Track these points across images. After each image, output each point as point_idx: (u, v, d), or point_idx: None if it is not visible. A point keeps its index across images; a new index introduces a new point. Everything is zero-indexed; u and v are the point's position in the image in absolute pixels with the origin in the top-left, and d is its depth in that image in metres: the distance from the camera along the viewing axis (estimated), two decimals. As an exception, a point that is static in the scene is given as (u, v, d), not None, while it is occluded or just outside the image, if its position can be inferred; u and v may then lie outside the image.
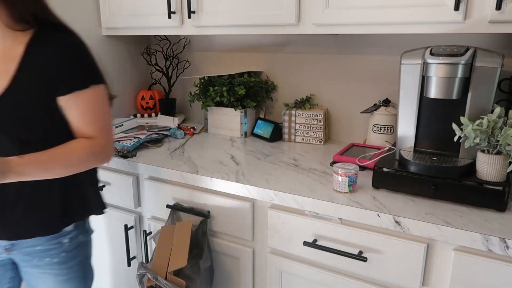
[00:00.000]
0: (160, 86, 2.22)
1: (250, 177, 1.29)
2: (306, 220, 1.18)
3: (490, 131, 1.05)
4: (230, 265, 1.38)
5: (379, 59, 1.61)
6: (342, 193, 1.16)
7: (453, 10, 1.13)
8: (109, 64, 1.95)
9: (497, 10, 1.08)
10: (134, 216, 1.57)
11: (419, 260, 1.03)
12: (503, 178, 1.06)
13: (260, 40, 1.87)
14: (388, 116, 1.53)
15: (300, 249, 1.21)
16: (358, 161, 1.36)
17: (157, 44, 2.14)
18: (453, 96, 1.12)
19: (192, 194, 1.38)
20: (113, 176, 1.57)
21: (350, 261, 1.13)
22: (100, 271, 1.77)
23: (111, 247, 1.69)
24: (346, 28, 1.32)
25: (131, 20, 1.75)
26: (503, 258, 0.94)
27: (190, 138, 1.81)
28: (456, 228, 0.96)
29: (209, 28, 1.58)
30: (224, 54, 1.98)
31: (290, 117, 1.73)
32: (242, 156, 1.53)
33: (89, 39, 1.83)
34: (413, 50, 1.19)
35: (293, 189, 1.19)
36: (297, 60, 1.79)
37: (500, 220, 0.99)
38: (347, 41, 1.66)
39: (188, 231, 1.31)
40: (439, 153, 1.21)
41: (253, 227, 1.30)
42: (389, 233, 1.07)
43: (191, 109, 2.15)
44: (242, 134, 1.82)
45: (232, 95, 1.77)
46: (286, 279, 1.27)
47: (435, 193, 1.10)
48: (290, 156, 1.53)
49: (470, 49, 1.10)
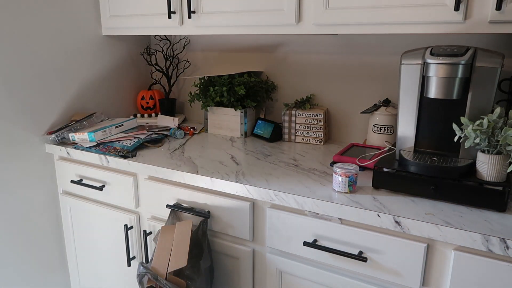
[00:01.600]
0: (160, 86, 2.22)
1: (250, 177, 1.29)
2: (306, 220, 1.18)
3: (490, 131, 1.05)
4: (230, 265, 1.37)
5: (379, 59, 1.61)
6: (342, 193, 1.16)
7: (453, 10, 1.13)
8: (109, 64, 1.95)
9: (497, 10, 1.08)
10: (134, 216, 1.57)
11: (419, 260, 1.03)
12: (503, 178, 1.06)
13: (260, 40, 1.86)
14: (388, 116, 1.53)
15: (300, 249, 1.21)
16: (358, 161, 1.36)
17: (157, 44, 2.14)
18: (453, 96, 1.12)
19: (192, 194, 1.38)
20: (113, 176, 1.56)
21: (350, 261, 1.13)
22: (100, 271, 1.77)
23: (111, 247, 1.69)
24: (346, 28, 1.32)
25: (131, 20, 1.75)
26: (503, 258, 0.94)
27: (190, 138, 1.81)
28: (456, 228, 0.96)
29: (209, 28, 1.58)
30: (224, 54, 1.98)
31: (290, 117, 1.73)
32: (242, 156, 1.53)
33: (89, 39, 1.83)
34: (413, 50, 1.19)
35: (293, 189, 1.19)
36: (297, 60, 1.79)
37: (500, 220, 0.99)
38: (347, 41, 1.66)
39: (188, 231, 1.31)
40: (439, 153, 1.21)
41: (253, 227, 1.30)
42: (389, 233, 1.07)
43: (191, 109, 2.15)
44: (242, 134, 1.82)
45: (232, 95, 1.76)
46: (286, 279, 1.27)
47: (435, 193, 1.10)
48: (290, 156, 1.53)
49: (470, 49, 1.10)
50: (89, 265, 1.81)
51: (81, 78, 1.83)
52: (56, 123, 1.75)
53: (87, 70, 1.85)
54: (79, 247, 1.81)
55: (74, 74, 1.79)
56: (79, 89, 1.83)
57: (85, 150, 1.59)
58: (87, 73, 1.85)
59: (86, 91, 1.86)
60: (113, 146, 1.59)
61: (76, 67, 1.80)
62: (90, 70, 1.86)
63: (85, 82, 1.85)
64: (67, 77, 1.76)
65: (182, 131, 1.80)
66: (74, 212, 1.76)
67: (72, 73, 1.78)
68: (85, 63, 1.84)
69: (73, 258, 1.85)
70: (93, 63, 1.87)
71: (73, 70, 1.79)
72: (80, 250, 1.81)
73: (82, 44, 1.80)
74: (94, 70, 1.89)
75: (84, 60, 1.83)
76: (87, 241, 1.77)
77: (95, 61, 1.88)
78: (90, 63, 1.86)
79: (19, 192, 1.65)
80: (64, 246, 1.87)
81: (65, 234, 1.84)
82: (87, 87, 1.87)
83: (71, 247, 1.84)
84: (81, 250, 1.81)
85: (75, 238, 1.81)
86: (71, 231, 1.81)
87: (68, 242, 1.84)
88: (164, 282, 1.22)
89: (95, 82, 1.90)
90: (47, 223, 1.78)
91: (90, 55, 1.85)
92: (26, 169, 1.66)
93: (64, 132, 1.68)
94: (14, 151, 1.61)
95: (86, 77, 1.85)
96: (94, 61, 1.88)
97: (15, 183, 1.63)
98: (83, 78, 1.84)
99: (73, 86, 1.80)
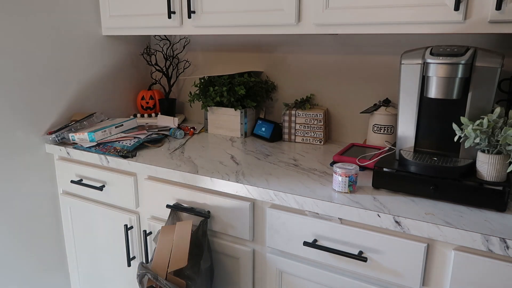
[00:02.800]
0: (160, 86, 2.22)
1: (250, 177, 1.29)
2: (306, 220, 1.18)
3: (490, 131, 1.05)
4: (230, 265, 1.37)
5: (379, 59, 1.61)
6: (342, 193, 1.16)
7: (453, 10, 1.13)
8: (109, 64, 1.95)
9: (497, 10, 1.08)
10: (134, 216, 1.57)
11: (419, 260, 1.03)
12: (503, 178, 1.06)
13: (260, 40, 1.86)
14: (388, 116, 1.53)
15: (300, 249, 1.21)
16: (358, 161, 1.36)
17: (157, 44, 2.14)
18: (453, 96, 1.12)
19: (192, 194, 1.38)
20: (113, 176, 1.56)
21: (350, 261, 1.13)
22: (100, 271, 1.77)
23: (111, 247, 1.69)
24: (346, 28, 1.32)
25: (131, 20, 1.75)
26: (503, 258, 0.94)
27: (190, 138, 1.81)
28: (456, 228, 0.96)
29: (209, 28, 1.58)
30: (224, 54, 1.98)
31: (290, 117, 1.73)
32: (242, 156, 1.53)
33: (89, 39, 1.83)
34: (413, 50, 1.19)
35: (293, 189, 1.19)
36: (297, 60, 1.79)
37: (500, 220, 0.99)
38: (347, 41, 1.66)
39: (188, 231, 1.31)
40: (439, 153, 1.21)
41: (253, 227, 1.30)
42: (389, 233, 1.07)
43: (191, 109, 2.15)
44: (242, 134, 1.82)
45: (232, 95, 1.76)
46: (286, 279, 1.27)
47: (435, 193, 1.10)
48: (290, 156, 1.53)
49: (470, 49, 1.10)
50: (89, 265, 1.81)
51: (81, 78, 1.83)
52: (56, 123, 1.75)
53: (87, 70, 1.85)
54: (79, 247, 1.81)
55: (74, 74, 1.79)
56: (79, 89, 1.83)
57: (85, 150, 1.59)
58: (87, 73, 1.85)
59: (86, 91, 1.86)
60: (113, 146, 1.59)
61: (76, 67, 1.80)
62: (90, 70, 1.86)
63: (85, 82, 1.85)
64: (67, 77, 1.76)
65: (182, 131, 1.80)
66: (74, 212, 1.76)
67: (72, 73, 1.78)
68: (85, 63, 1.84)
69: (73, 258, 1.85)
70: (93, 63, 1.87)
71: (73, 70, 1.79)
72: (80, 250, 1.81)
73: (82, 44, 1.80)
74: (94, 70, 1.89)
75: (84, 60, 1.83)
76: (87, 241, 1.77)
77: (95, 61, 1.88)
78: (90, 63, 1.86)
79: (19, 192, 1.65)
80: (64, 246, 1.87)
81: (65, 234, 1.84)
82: (87, 87, 1.87)
83: (71, 247, 1.84)
84: (81, 250, 1.81)
85: (75, 238, 1.81)
86: (71, 231, 1.81)
87: (68, 242, 1.84)
88: (164, 282, 1.22)
89: (95, 82, 1.90)
90: (47, 223, 1.78)
91: (90, 55, 1.85)
92: (26, 169, 1.66)
93: (64, 132, 1.68)
94: (14, 151, 1.61)
95: (86, 77, 1.85)
96: (94, 61, 1.88)
97: (15, 183, 1.63)
98: (83, 78, 1.84)
99: (73, 86, 1.80)
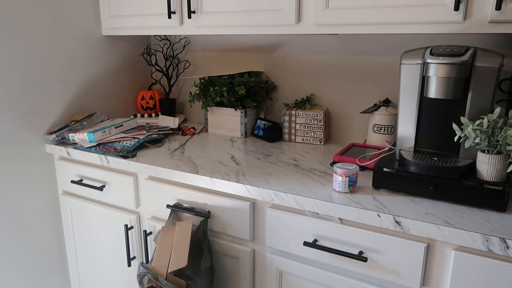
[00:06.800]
0: (160, 86, 2.22)
1: (250, 177, 1.29)
2: (306, 220, 1.18)
3: (490, 131, 1.05)
4: (230, 265, 1.38)
5: (379, 59, 1.61)
6: (342, 193, 1.16)
7: (453, 10, 1.13)
8: (109, 64, 1.95)
9: (497, 10, 1.08)
10: (134, 216, 1.57)
11: (419, 260, 1.03)
12: (503, 178, 1.06)
13: (260, 40, 1.86)
14: (388, 116, 1.53)
15: (300, 249, 1.21)
16: (358, 161, 1.36)
17: (157, 44, 2.14)
18: (453, 96, 1.12)
19: (192, 194, 1.38)
20: (113, 176, 1.57)
21: (350, 261, 1.13)
22: (100, 271, 1.77)
23: (111, 247, 1.69)
24: (346, 28, 1.32)
25: (131, 20, 1.75)
26: (503, 258, 0.94)
27: (190, 138, 1.81)
28: (456, 228, 0.96)
29: (209, 28, 1.58)
30: (224, 54, 1.98)
31: (290, 117, 1.73)
32: (242, 156, 1.53)
33: (89, 39, 1.83)
34: (413, 50, 1.19)
35: (293, 189, 1.19)
36: (297, 60, 1.79)
37: (500, 220, 0.99)
38: (347, 41, 1.66)
39: (188, 231, 1.31)
40: (439, 153, 1.21)
41: (253, 227, 1.30)
42: (389, 233, 1.07)
43: (191, 109, 2.15)
44: (242, 134, 1.82)
45: (232, 95, 1.76)
46: (286, 279, 1.27)
47: (435, 193, 1.10)
48: (290, 156, 1.53)
49: (470, 49, 1.10)
50: (89, 265, 1.81)
51: (81, 78, 1.83)
52: (56, 123, 1.75)
53: (87, 70, 1.85)
54: (79, 247, 1.81)
55: (74, 74, 1.79)
56: (79, 89, 1.83)
57: (85, 150, 1.59)
58: (87, 73, 1.85)
59: (86, 91, 1.86)
60: (113, 146, 1.59)
61: (76, 67, 1.80)
62: (90, 70, 1.86)
63: (85, 82, 1.85)
64: (67, 77, 1.76)
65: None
66: (74, 212, 1.77)
67: (72, 73, 1.79)
68: (85, 63, 1.84)
69: (73, 258, 1.85)
70: (93, 63, 1.87)
71: (73, 70, 1.79)
72: (80, 250, 1.81)
73: (82, 44, 1.80)
74: (94, 70, 1.89)
75: (84, 60, 1.83)
76: (87, 241, 1.77)
77: (95, 61, 1.88)
78: (90, 63, 1.86)
79: (19, 192, 1.65)
80: (64, 246, 1.87)
81: (65, 234, 1.85)
82: (87, 87, 1.87)
83: (71, 247, 1.84)
84: (81, 250, 1.81)
85: (75, 238, 1.81)
86: (71, 231, 1.81)
87: (68, 242, 1.84)
88: (164, 282, 1.22)
89: (95, 82, 1.90)
90: (47, 223, 1.78)
91: (90, 55, 1.85)
92: (26, 169, 1.66)
93: (64, 132, 1.68)
94: (14, 151, 1.61)
95: (86, 77, 1.85)
96: (94, 61, 1.88)
97: (15, 183, 1.63)
98: (83, 78, 1.84)
99: (73, 86, 1.80)
